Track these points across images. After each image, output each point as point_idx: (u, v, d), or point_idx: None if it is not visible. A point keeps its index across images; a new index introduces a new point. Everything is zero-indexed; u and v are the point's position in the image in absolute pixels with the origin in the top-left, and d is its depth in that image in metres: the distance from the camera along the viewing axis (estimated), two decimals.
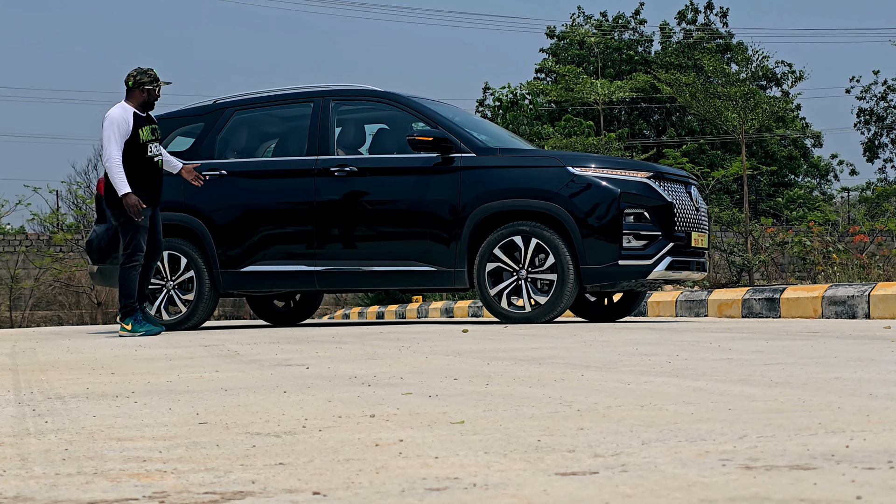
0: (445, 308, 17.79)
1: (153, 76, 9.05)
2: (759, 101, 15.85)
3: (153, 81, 9.02)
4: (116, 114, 8.91)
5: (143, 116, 9.04)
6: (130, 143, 8.92)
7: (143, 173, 8.97)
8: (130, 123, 8.91)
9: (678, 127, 43.97)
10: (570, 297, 9.06)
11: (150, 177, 9.04)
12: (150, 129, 9.07)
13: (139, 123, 8.97)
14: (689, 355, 4.69)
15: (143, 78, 9.01)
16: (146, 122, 9.05)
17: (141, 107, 9.05)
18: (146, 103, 9.06)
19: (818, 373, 3.64)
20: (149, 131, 9.03)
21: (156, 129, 9.15)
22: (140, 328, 8.90)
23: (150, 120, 9.13)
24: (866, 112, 49.36)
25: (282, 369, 4.63)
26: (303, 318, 12.32)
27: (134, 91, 9.04)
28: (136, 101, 9.04)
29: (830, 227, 21.90)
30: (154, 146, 9.08)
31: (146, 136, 8.98)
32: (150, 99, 9.06)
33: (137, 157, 8.95)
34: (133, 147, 8.93)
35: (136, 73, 9.04)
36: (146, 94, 9.03)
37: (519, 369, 4.20)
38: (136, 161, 8.95)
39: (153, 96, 9.06)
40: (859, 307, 10.36)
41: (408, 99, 10.05)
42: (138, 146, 8.95)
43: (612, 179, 9.11)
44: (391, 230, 9.69)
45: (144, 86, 9.00)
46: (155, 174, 9.10)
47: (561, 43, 44.71)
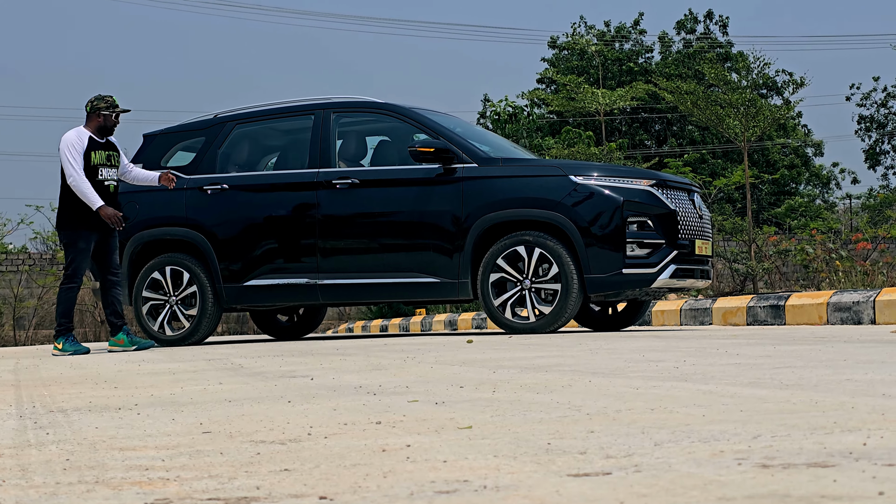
0: (449, 320, 17.74)
1: (110, 102, 9.30)
2: (761, 108, 15.81)
3: (109, 107, 9.28)
4: (71, 136, 9.19)
5: (100, 142, 9.28)
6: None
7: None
8: (84, 145, 9.14)
9: (679, 137, 43.95)
10: (575, 307, 9.02)
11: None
12: (106, 154, 9.29)
13: (93, 147, 9.21)
14: (696, 360, 4.65)
15: (99, 104, 9.28)
16: (103, 148, 9.28)
17: (98, 132, 9.30)
18: (103, 128, 9.30)
19: (829, 375, 3.60)
20: (104, 156, 9.25)
21: (113, 155, 9.38)
22: (70, 347, 9.17)
23: (108, 146, 9.35)
24: (867, 119, 49.34)
25: (286, 380, 4.59)
26: (306, 332, 12.28)
27: (91, 116, 9.30)
28: (93, 126, 9.29)
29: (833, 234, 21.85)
30: (107, 171, 9.29)
31: (98, 160, 9.21)
32: (107, 124, 9.31)
33: (88, 180, 9.13)
34: (84, 170, 9.14)
35: (94, 99, 9.31)
36: (102, 119, 9.28)
37: (525, 377, 4.16)
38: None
39: (109, 122, 9.31)
40: (865, 313, 10.31)
41: (409, 110, 10.02)
42: (89, 169, 9.18)
43: (615, 188, 9.07)
44: (394, 242, 9.65)
45: (101, 111, 9.27)
46: (105, 198, 9.26)
47: (562, 53, 44.75)
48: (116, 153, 9.43)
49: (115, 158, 9.40)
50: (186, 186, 10.33)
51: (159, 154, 10.71)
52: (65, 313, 9.29)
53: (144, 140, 10.91)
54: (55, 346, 9.28)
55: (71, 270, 9.25)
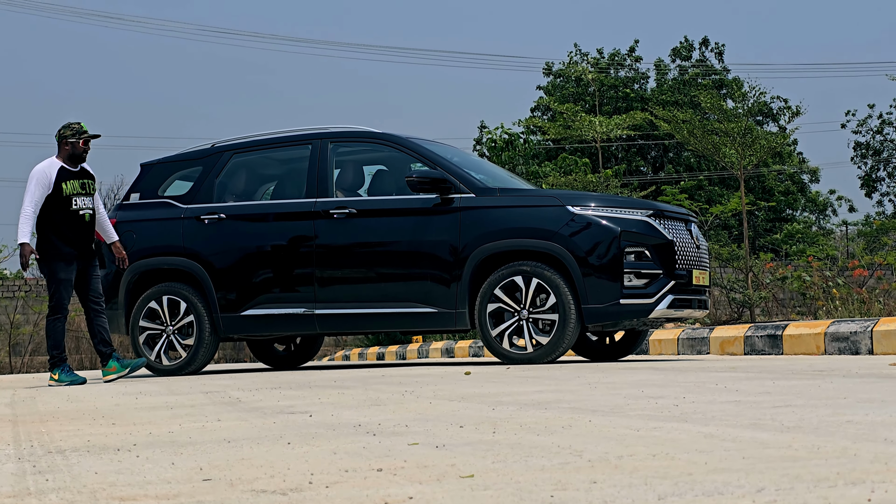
0: (446, 348, 17.71)
1: (77, 129, 9.27)
2: (757, 136, 15.84)
3: (76, 135, 9.25)
4: (39, 168, 9.17)
5: (72, 170, 9.25)
6: (53, 196, 9.14)
7: (66, 226, 9.19)
8: (52, 177, 9.13)
9: (675, 163, 44.04)
10: (573, 338, 9.02)
11: (74, 230, 9.23)
12: (80, 183, 9.27)
13: (64, 177, 9.17)
14: (696, 397, 4.64)
15: (66, 132, 9.27)
16: (75, 176, 9.25)
17: (69, 160, 9.29)
18: (73, 156, 9.28)
19: (829, 415, 3.59)
20: (77, 185, 9.23)
21: (88, 183, 9.36)
22: (66, 378, 9.18)
23: (82, 174, 9.33)
24: (863, 146, 49.44)
25: (284, 417, 4.58)
26: (304, 361, 12.26)
27: (61, 145, 9.30)
28: (63, 156, 9.28)
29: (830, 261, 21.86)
30: (81, 200, 9.25)
31: (70, 190, 9.18)
32: (76, 152, 9.28)
33: (60, 211, 9.17)
34: (56, 200, 9.15)
35: (61, 128, 9.31)
36: (70, 147, 9.26)
37: (525, 415, 4.15)
38: (59, 214, 9.17)
39: (78, 149, 9.27)
40: (862, 343, 10.30)
41: (406, 140, 10.04)
42: (61, 199, 9.16)
43: (612, 218, 9.08)
44: (391, 272, 9.65)
45: (68, 139, 9.26)
46: (80, 227, 9.26)
47: (558, 80, 44.86)
48: (92, 180, 9.42)
49: (91, 186, 9.40)
50: (184, 216, 10.34)
51: (157, 183, 10.72)
52: (55, 345, 9.31)
53: (142, 169, 10.92)
54: (51, 378, 9.28)
55: (55, 302, 9.26)
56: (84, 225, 9.29)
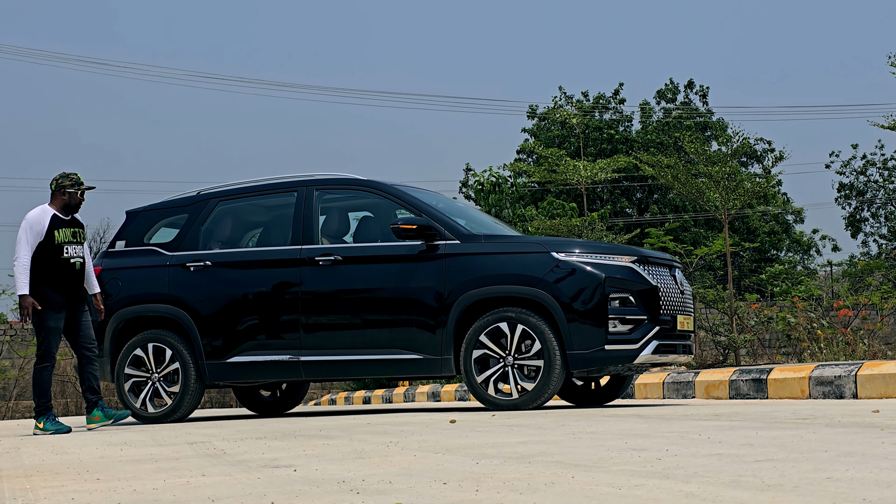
0: (432, 392, 17.71)
1: (75, 180, 9.39)
2: (741, 180, 15.94)
3: (74, 185, 9.37)
4: (32, 215, 9.26)
5: (65, 219, 9.36)
6: (45, 244, 9.22)
7: (56, 274, 9.26)
8: (45, 225, 9.22)
9: (660, 204, 44.22)
10: (558, 383, 9.04)
11: (65, 278, 9.30)
12: (72, 231, 9.37)
13: (57, 225, 9.27)
14: (678, 450, 4.67)
15: (64, 181, 9.37)
16: (67, 225, 9.36)
17: (63, 209, 9.40)
18: (68, 206, 9.40)
19: (810, 471, 3.62)
20: (69, 233, 9.33)
21: (78, 231, 9.47)
22: (51, 427, 9.18)
23: (73, 223, 9.43)
24: (846, 186, 49.69)
25: (269, 472, 4.59)
26: (289, 408, 12.25)
27: (56, 194, 9.39)
28: (57, 204, 9.38)
29: (814, 301, 21.94)
30: (73, 248, 9.36)
31: (62, 238, 9.28)
32: (72, 202, 9.40)
33: (52, 258, 9.25)
34: (48, 248, 9.23)
35: (59, 177, 9.40)
36: (67, 197, 9.37)
37: (508, 470, 4.17)
38: (51, 261, 9.25)
39: (74, 199, 9.39)
40: (847, 387, 10.34)
41: (391, 187, 10.09)
42: (53, 247, 9.24)
43: (597, 264, 9.13)
44: (377, 318, 9.67)
45: (66, 189, 9.37)
46: (70, 275, 9.35)
47: (542, 123, 45.06)
48: (82, 229, 9.52)
49: (81, 234, 9.50)
50: (169, 263, 10.36)
51: (142, 231, 10.75)
52: (41, 394, 9.32)
53: (127, 217, 10.95)
54: (36, 426, 9.28)
55: (42, 350, 9.30)
56: (75, 273, 9.35)
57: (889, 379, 10.01)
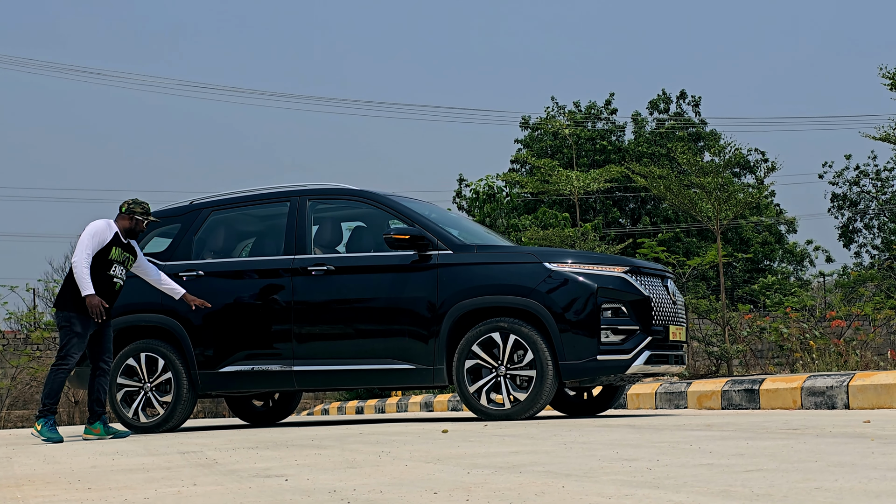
0: (425, 402, 17.71)
1: (146, 209, 9.58)
2: (734, 191, 15.97)
3: (143, 213, 9.54)
4: (100, 224, 9.41)
5: (123, 241, 9.50)
6: (99, 255, 9.34)
7: (97, 287, 9.32)
8: (108, 238, 9.37)
9: (653, 215, 44.28)
10: (550, 394, 9.04)
11: (103, 292, 9.38)
12: (124, 255, 9.50)
13: (116, 243, 9.42)
14: (669, 460, 4.68)
15: (136, 208, 9.54)
16: (123, 248, 9.50)
17: (125, 232, 9.54)
18: (130, 230, 9.54)
19: (799, 481, 3.63)
20: (121, 254, 9.46)
21: (129, 258, 9.60)
22: (46, 433, 9.22)
23: (128, 248, 9.57)
24: (839, 197, 49.78)
25: (260, 481, 4.59)
26: (282, 417, 12.25)
27: (124, 216, 9.53)
28: (122, 224, 9.52)
29: (807, 312, 21.98)
30: (119, 269, 9.49)
31: (114, 256, 9.42)
32: (135, 227, 9.55)
33: (99, 271, 9.35)
34: (99, 260, 9.35)
35: (131, 202, 9.56)
36: (132, 223, 9.52)
37: (499, 479, 4.18)
38: (97, 274, 9.34)
39: (139, 227, 9.55)
40: (838, 398, 10.36)
41: (384, 197, 10.10)
42: (104, 261, 9.37)
43: (589, 275, 9.14)
44: (369, 328, 9.68)
45: (135, 215, 9.53)
46: (109, 292, 9.45)
47: (535, 133, 45.12)
48: (133, 257, 9.66)
49: (131, 262, 9.64)
50: None
51: None
52: (50, 394, 9.34)
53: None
54: (35, 427, 9.35)
55: (64, 352, 9.30)
56: (113, 293, 9.49)
57: (881, 389, 10.03)
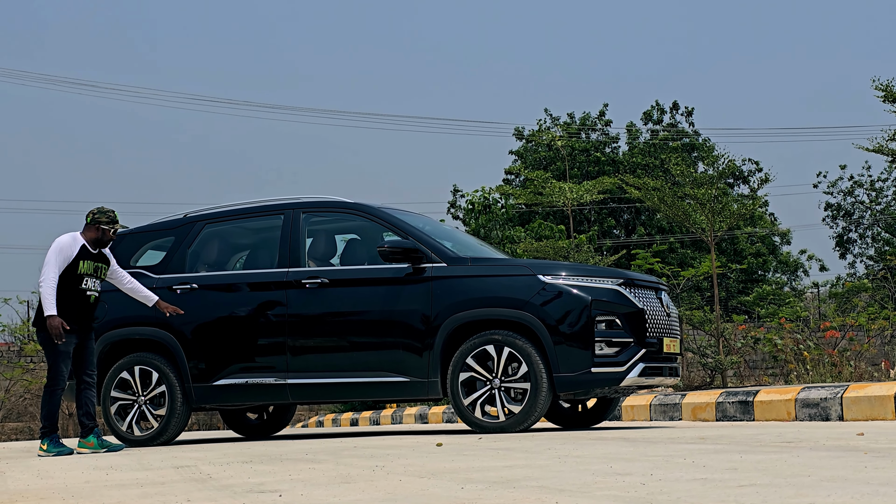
0: (420, 414, 17.70)
1: (112, 218, 9.51)
2: (728, 202, 16.00)
3: (109, 223, 9.48)
4: (64, 240, 9.37)
5: (92, 252, 9.47)
6: (68, 271, 9.31)
7: (71, 302, 9.35)
8: (74, 253, 9.33)
9: (647, 226, 44.32)
10: (545, 406, 9.05)
11: (77, 307, 9.40)
12: (94, 265, 9.47)
13: (84, 255, 9.38)
14: (663, 474, 4.68)
15: (100, 217, 9.48)
16: (92, 258, 9.45)
17: (93, 242, 9.50)
18: (98, 240, 9.51)
19: (792, 497, 3.64)
20: (91, 266, 9.43)
21: (101, 267, 9.57)
22: (54, 449, 9.27)
23: (99, 257, 9.53)
24: (833, 207, 49.86)
25: (254, 497, 4.59)
26: (277, 430, 12.24)
27: (91, 226, 9.49)
28: (89, 236, 9.48)
29: (801, 323, 21.99)
30: (92, 281, 9.47)
31: (84, 269, 9.39)
32: (103, 237, 9.51)
33: (70, 287, 9.34)
34: (69, 275, 9.33)
35: (96, 212, 9.50)
36: (99, 233, 9.48)
37: (493, 495, 4.18)
38: (68, 290, 9.33)
39: (107, 236, 9.51)
40: (832, 409, 10.37)
41: (378, 210, 10.11)
42: (74, 276, 9.34)
43: (583, 287, 9.15)
44: (363, 341, 9.68)
45: (101, 224, 9.48)
46: (83, 306, 9.45)
47: (529, 145, 45.16)
48: (105, 266, 9.63)
49: (103, 271, 9.60)
50: (156, 286, 10.36)
51: (129, 253, 10.75)
52: (48, 416, 9.42)
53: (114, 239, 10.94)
54: (41, 448, 9.40)
55: (53, 372, 9.35)
56: (88, 306, 9.47)
57: (874, 401, 10.04)
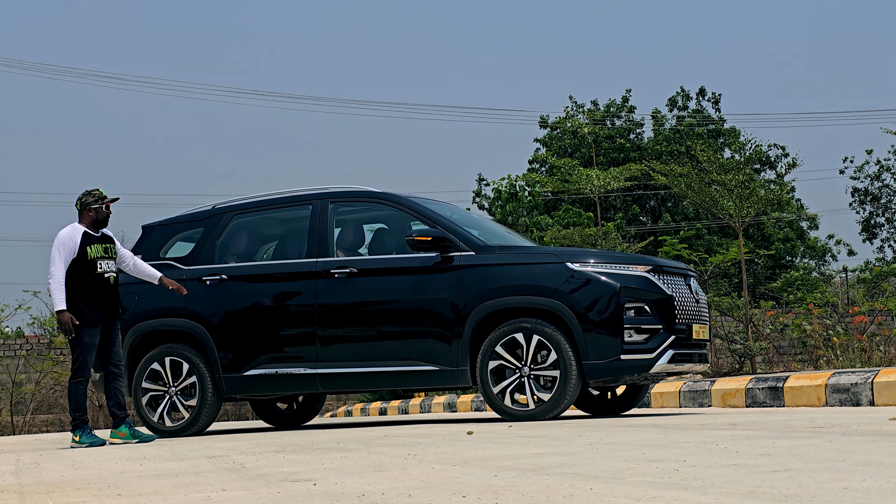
0: (448, 403, 17.73)
1: (98, 195, 9.53)
2: (755, 188, 15.94)
3: (98, 200, 9.52)
4: (64, 233, 9.41)
5: (95, 235, 9.51)
6: (78, 260, 9.37)
7: (92, 290, 9.40)
8: (77, 242, 9.37)
9: (674, 212, 44.17)
10: (574, 394, 9.05)
11: (99, 292, 9.44)
12: (103, 247, 9.51)
13: (88, 241, 9.43)
14: (696, 460, 4.68)
15: (88, 199, 9.53)
16: (98, 241, 9.50)
17: (92, 226, 9.56)
18: (96, 222, 9.55)
19: (826, 481, 3.64)
20: (101, 249, 9.47)
21: (109, 247, 9.61)
22: (87, 440, 9.34)
23: (103, 238, 9.57)
24: (861, 192, 49.59)
25: (289, 486, 4.62)
26: (306, 420, 12.28)
27: (83, 212, 9.54)
28: (86, 221, 9.54)
29: (830, 308, 21.90)
30: (105, 263, 9.50)
31: (94, 254, 9.43)
32: (99, 217, 9.56)
33: (86, 274, 9.39)
34: (81, 264, 9.38)
35: (82, 196, 9.55)
36: (94, 213, 9.53)
37: (527, 482, 4.19)
38: (85, 277, 9.39)
39: (101, 214, 9.55)
40: (863, 395, 10.34)
41: (405, 199, 10.13)
42: (86, 263, 9.39)
43: (612, 274, 9.15)
44: (392, 330, 9.71)
45: (90, 206, 9.53)
46: (106, 290, 9.48)
47: (554, 132, 45.07)
48: (112, 244, 9.63)
49: (112, 250, 9.61)
50: (185, 277, 10.41)
51: (158, 245, 10.81)
52: (77, 407, 9.49)
53: (143, 231, 11.01)
54: (73, 440, 9.48)
55: (77, 365, 9.41)
56: (110, 288, 9.49)
57: None
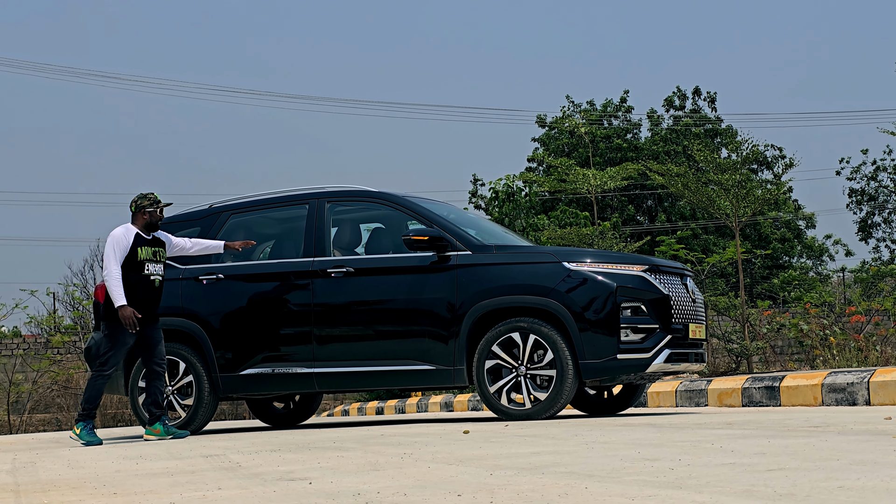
0: (445, 402, 17.74)
1: (153, 199, 9.66)
2: (752, 188, 15.95)
3: (153, 204, 9.65)
4: (118, 232, 9.53)
5: (146, 238, 9.62)
6: (128, 260, 9.47)
7: (137, 290, 9.48)
8: (130, 242, 9.49)
9: (670, 212, 44.21)
10: (570, 393, 9.06)
11: (144, 294, 9.52)
12: (152, 250, 9.62)
13: (140, 243, 9.54)
14: (691, 459, 4.69)
15: (143, 202, 9.65)
16: (148, 244, 9.61)
17: (144, 228, 9.66)
18: (149, 225, 9.67)
19: (821, 480, 3.64)
20: (150, 252, 9.58)
21: (158, 251, 9.70)
22: (86, 437, 9.40)
23: (154, 242, 9.68)
24: (857, 192, 49.63)
25: (284, 485, 4.62)
26: (303, 419, 12.28)
27: (137, 214, 9.67)
28: (139, 223, 9.65)
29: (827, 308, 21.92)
30: (152, 266, 9.60)
31: (144, 256, 9.53)
32: (153, 220, 9.67)
33: (133, 274, 9.48)
34: (130, 264, 9.48)
35: (137, 199, 9.67)
36: (148, 216, 9.65)
37: (522, 481, 4.20)
38: (132, 277, 9.48)
39: (155, 217, 9.67)
40: (859, 394, 10.35)
41: (402, 198, 10.13)
42: (135, 264, 9.49)
43: (608, 273, 9.15)
44: (389, 329, 9.71)
45: (145, 209, 9.65)
46: (150, 291, 9.58)
47: (551, 132, 45.09)
48: (163, 249, 9.76)
49: (161, 254, 9.73)
50: (182, 276, 10.42)
51: None
52: (90, 399, 9.52)
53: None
54: (73, 430, 9.51)
55: (104, 359, 9.46)
56: (154, 290, 9.58)
57: None
